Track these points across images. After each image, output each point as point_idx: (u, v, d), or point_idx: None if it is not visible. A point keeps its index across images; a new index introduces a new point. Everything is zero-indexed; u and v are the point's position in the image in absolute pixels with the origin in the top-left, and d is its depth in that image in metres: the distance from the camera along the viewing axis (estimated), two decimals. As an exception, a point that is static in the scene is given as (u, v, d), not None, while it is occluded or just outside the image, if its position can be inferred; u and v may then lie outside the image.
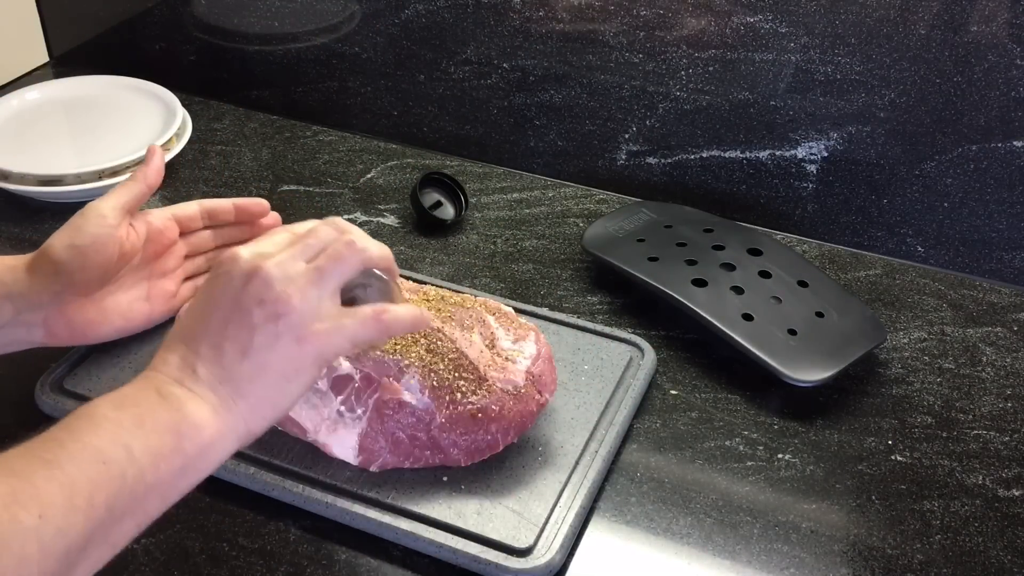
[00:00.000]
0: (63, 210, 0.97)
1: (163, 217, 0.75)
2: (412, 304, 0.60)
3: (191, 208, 0.78)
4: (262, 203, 0.79)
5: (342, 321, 0.56)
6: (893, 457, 0.74)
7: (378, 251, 0.59)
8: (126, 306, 0.74)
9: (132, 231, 0.72)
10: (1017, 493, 0.71)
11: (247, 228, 0.80)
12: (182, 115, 1.05)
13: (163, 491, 0.50)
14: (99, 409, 0.50)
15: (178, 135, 1.03)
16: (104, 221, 0.69)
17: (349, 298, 0.59)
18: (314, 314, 0.55)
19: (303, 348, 0.54)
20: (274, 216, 0.80)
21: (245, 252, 0.56)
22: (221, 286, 0.55)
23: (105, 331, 0.73)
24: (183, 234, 0.78)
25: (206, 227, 0.79)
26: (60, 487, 0.45)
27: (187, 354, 0.54)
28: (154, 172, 0.73)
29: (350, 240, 0.57)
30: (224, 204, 0.79)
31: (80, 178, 0.96)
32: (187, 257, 0.79)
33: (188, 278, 0.79)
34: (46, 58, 1.25)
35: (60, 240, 0.68)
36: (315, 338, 0.54)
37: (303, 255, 0.56)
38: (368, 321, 0.56)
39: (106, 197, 0.70)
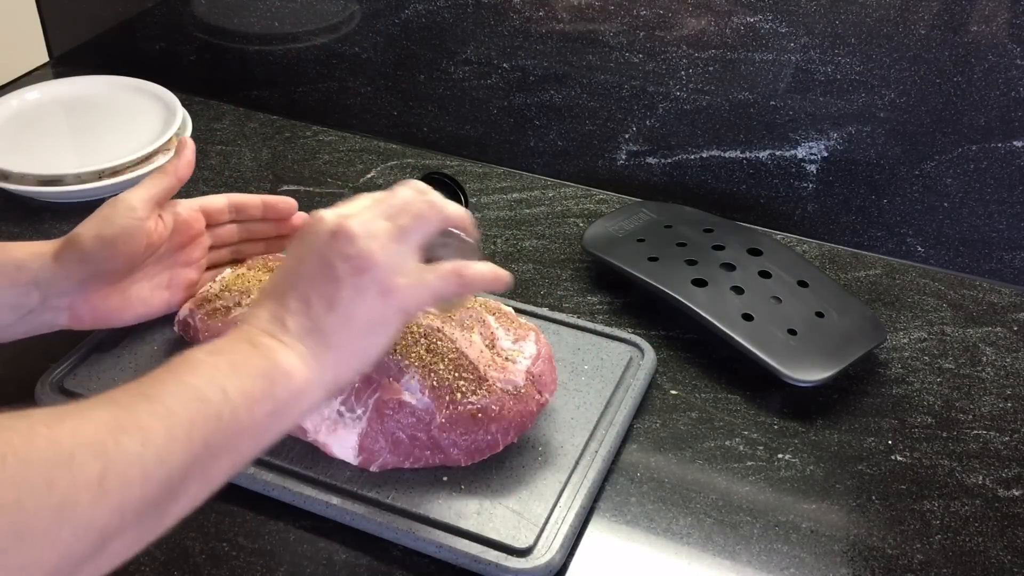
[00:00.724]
0: (63, 210, 0.97)
1: (191, 208, 0.76)
2: (492, 263, 0.62)
3: (219, 201, 0.78)
4: (291, 202, 0.80)
5: (424, 276, 0.58)
6: (893, 457, 0.74)
7: (456, 211, 0.61)
8: (148, 293, 0.74)
9: (160, 222, 0.72)
10: (1017, 493, 0.71)
11: (274, 224, 0.80)
12: (182, 115, 1.05)
13: (256, 433, 0.52)
14: (196, 354, 0.52)
15: (178, 135, 1.03)
16: (133, 213, 0.69)
17: (428, 257, 0.61)
18: (397, 269, 0.57)
19: (387, 301, 0.56)
20: (302, 216, 0.81)
21: (329, 213, 0.58)
22: (307, 244, 0.57)
23: (127, 317, 0.74)
24: (209, 226, 0.78)
25: (232, 221, 0.79)
26: (161, 419, 0.47)
27: (276, 308, 0.56)
28: (185, 165, 0.74)
29: (430, 200, 0.60)
30: (253, 200, 0.79)
31: (80, 178, 0.96)
32: (211, 248, 0.79)
33: (210, 267, 0.80)
34: (46, 58, 1.25)
35: (88, 230, 0.69)
36: (398, 291, 0.56)
37: (385, 214, 0.58)
38: (449, 276, 0.59)
39: (136, 189, 0.71)
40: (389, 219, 0.58)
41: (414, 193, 0.60)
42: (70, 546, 0.42)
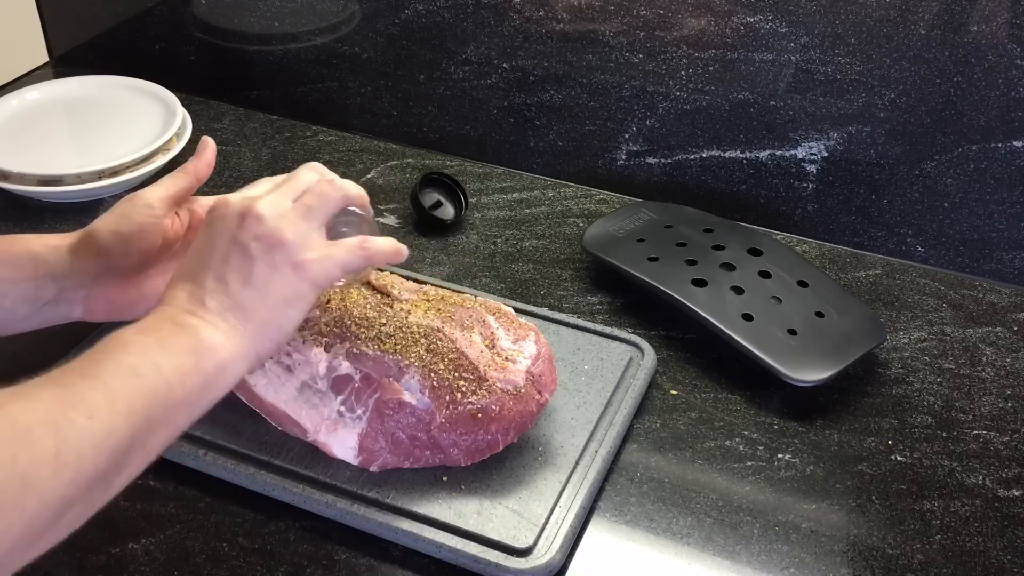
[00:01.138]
0: (63, 210, 0.97)
1: (207, 205, 0.76)
2: (390, 238, 0.65)
3: None
4: None
5: (331, 251, 0.61)
6: (893, 457, 0.74)
7: (356, 190, 0.65)
8: (162, 287, 0.74)
9: (176, 220, 0.73)
10: (1017, 493, 0.71)
11: None
12: (182, 115, 1.05)
13: (189, 405, 0.54)
14: (124, 334, 0.54)
15: (178, 135, 1.03)
16: (151, 211, 0.70)
17: (331, 235, 0.64)
18: (306, 244, 0.60)
19: (299, 275, 0.59)
20: None
21: (234, 197, 0.61)
22: (218, 228, 0.60)
23: (141, 310, 0.74)
24: None
25: None
26: (103, 395, 0.50)
27: (194, 289, 0.58)
28: (204, 166, 0.74)
29: (330, 179, 0.63)
30: None
31: (80, 178, 0.96)
32: None
33: None
34: (46, 58, 1.25)
35: (106, 225, 0.69)
36: (309, 265, 0.59)
37: (289, 195, 0.61)
38: (354, 249, 0.62)
39: (155, 187, 0.72)
40: (294, 199, 0.61)
41: (315, 174, 0.64)
42: (34, 516, 0.45)
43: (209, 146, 0.74)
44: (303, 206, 0.61)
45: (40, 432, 0.46)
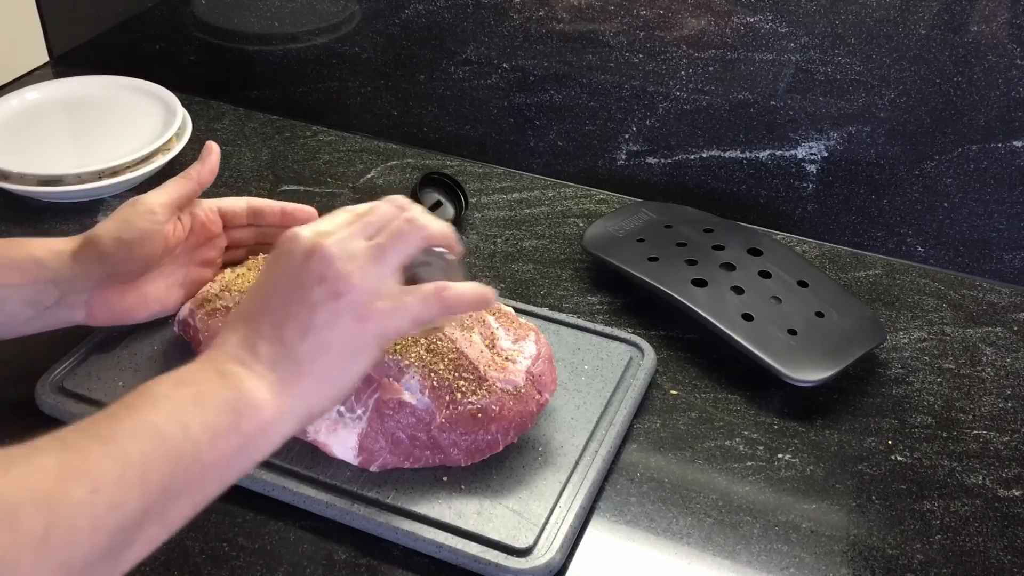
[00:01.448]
0: (63, 210, 0.97)
1: (209, 210, 0.76)
2: (475, 283, 0.60)
3: (238, 205, 0.78)
4: (310, 212, 0.79)
5: (403, 299, 0.55)
6: (893, 457, 0.74)
7: (439, 228, 0.59)
8: (164, 292, 0.75)
9: (178, 225, 0.73)
10: (1017, 493, 0.71)
11: None
12: (182, 115, 1.05)
13: (221, 470, 0.50)
14: (157, 387, 0.50)
15: (178, 135, 1.03)
16: (153, 217, 0.69)
17: (410, 276, 0.59)
18: (375, 292, 0.55)
19: (364, 326, 0.54)
20: None
21: (305, 231, 0.56)
22: (282, 265, 0.55)
23: (142, 315, 0.74)
24: (226, 228, 0.78)
25: (249, 225, 0.79)
26: (114, 462, 0.45)
27: (248, 333, 0.54)
28: (208, 172, 0.73)
29: (411, 217, 0.58)
30: (272, 207, 0.79)
31: (80, 178, 0.96)
32: (227, 249, 0.80)
33: (225, 266, 0.80)
34: (46, 58, 1.25)
35: (108, 231, 0.69)
36: (376, 316, 0.54)
37: (363, 233, 0.56)
38: (430, 299, 0.56)
39: (157, 192, 0.71)
40: (368, 238, 0.56)
41: (394, 209, 0.59)
42: None
43: (213, 152, 0.74)
44: (376, 247, 0.56)
45: (29, 510, 0.41)
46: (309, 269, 0.54)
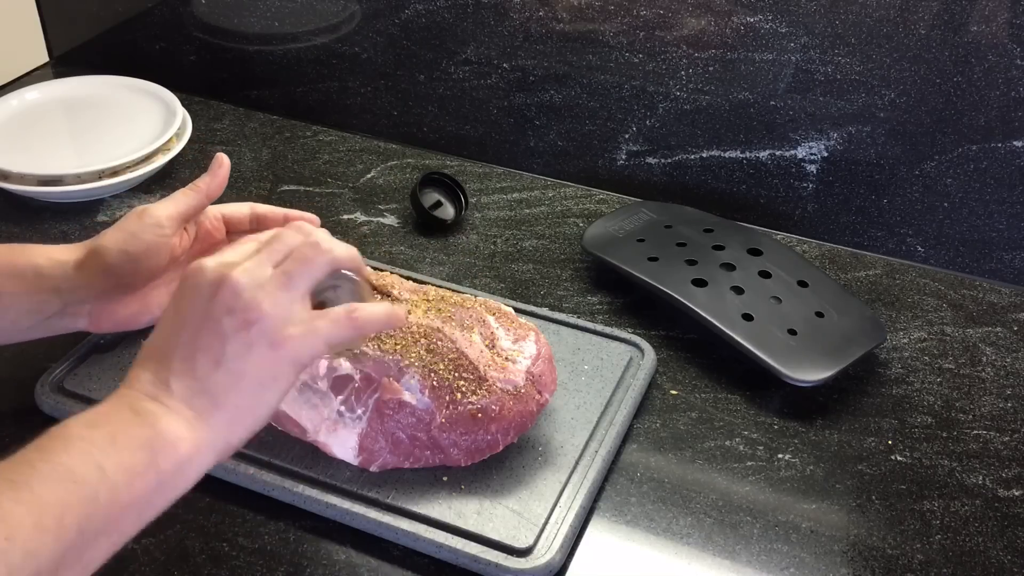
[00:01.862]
0: (63, 210, 0.97)
1: (213, 218, 0.75)
2: (384, 303, 0.60)
3: (242, 211, 0.77)
4: (313, 218, 0.79)
5: (315, 324, 0.55)
6: (893, 457, 0.74)
7: (345, 251, 0.58)
8: (166, 298, 0.74)
9: (185, 235, 0.72)
10: (1017, 493, 0.71)
11: None
12: (182, 115, 1.05)
13: (139, 509, 0.49)
14: (71, 429, 0.49)
15: (178, 135, 1.03)
16: (161, 231, 0.69)
17: (319, 301, 0.58)
18: (286, 318, 0.54)
19: (278, 353, 0.53)
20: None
21: (210, 262, 0.55)
22: (189, 299, 0.54)
23: (145, 321, 0.74)
24: (229, 233, 0.78)
25: (252, 230, 0.79)
26: (28, 509, 0.44)
27: (159, 369, 0.53)
28: (217, 185, 0.72)
29: (315, 242, 0.57)
30: (275, 213, 0.78)
31: (80, 178, 0.96)
32: None
33: None
34: (46, 58, 1.25)
35: (114, 243, 0.68)
36: (289, 342, 0.54)
37: (270, 260, 0.56)
38: (341, 321, 0.56)
39: (165, 204, 0.70)
40: (275, 265, 0.55)
41: (299, 236, 0.58)
42: None
43: (224, 165, 0.73)
44: (283, 274, 0.55)
45: None
46: (217, 300, 0.53)
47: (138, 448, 0.49)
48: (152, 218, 0.69)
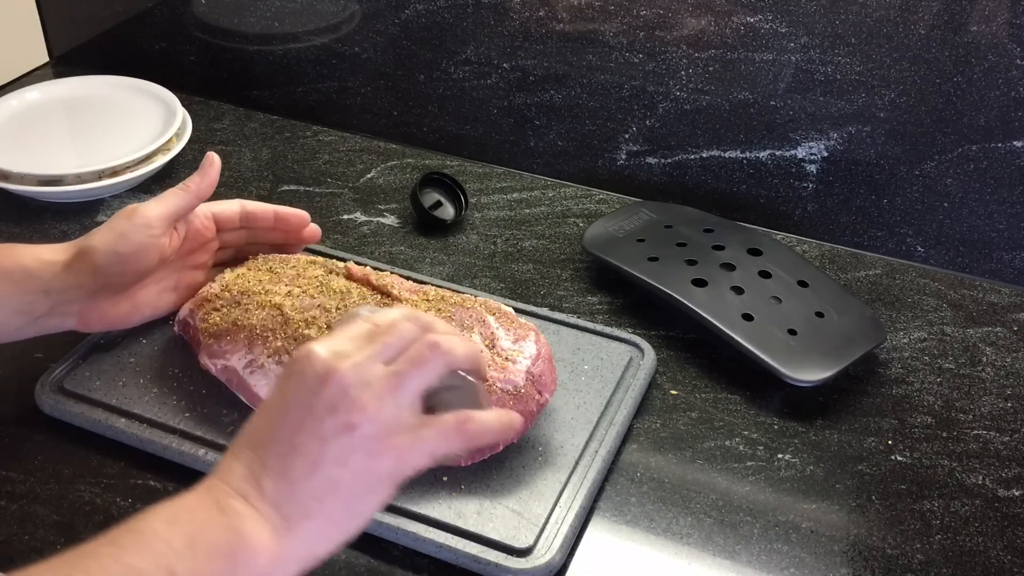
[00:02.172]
0: (63, 210, 0.97)
1: (203, 217, 0.75)
2: (500, 409, 0.55)
3: (232, 209, 0.77)
4: (303, 215, 0.79)
5: (421, 433, 0.51)
6: (893, 457, 0.74)
7: (465, 353, 0.54)
8: (155, 297, 0.74)
9: (174, 235, 0.72)
10: (1017, 493, 0.71)
11: (282, 234, 0.80)
12: (182, 115, 1.05)
13: None
14: (151, 524, 0.47)
15: (178, 135, 1.03)
16: (150, 231, 0.69)
17: (430, 405, 0.54)
18: (391, 425, 0.50)
19: (377, 463, 0.50)
20: (314, 229, 0.80)
21: (321, 350, 0.51)
22: (294, 388, 0.51)
23: (134, 320, 0.74)
24: (218, 231, 0.78)
25: (242, 227, 0.79)
26: None
27: (254, 462, 0.50)
28: (207, 186, 0.72)
29: (435, 342, 0.52)
30: (265, 211, 0.78)
31: (80, 178, 0.96)
32: (216, 250, 0.79)
33: (213, 265, 0.80)
34: (46, 58, 1.25)
35: (103, 244, 0.68)
36: (391, 452, 0.50)
37: (382, 356, 0.52)
38: (450, 432, 0.52)
39: (155, 204, 0.70)
40: (387, 361, 0.52)
41: (416, 329, 0.54)
42: None
43: (214, 165, 0.72)
44: (394, 375, 0.51)
45: None
46: (321, 397, 0.50)
47: (217, 555, 0.46)
48: (142, 219, 0.69)
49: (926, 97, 0.89)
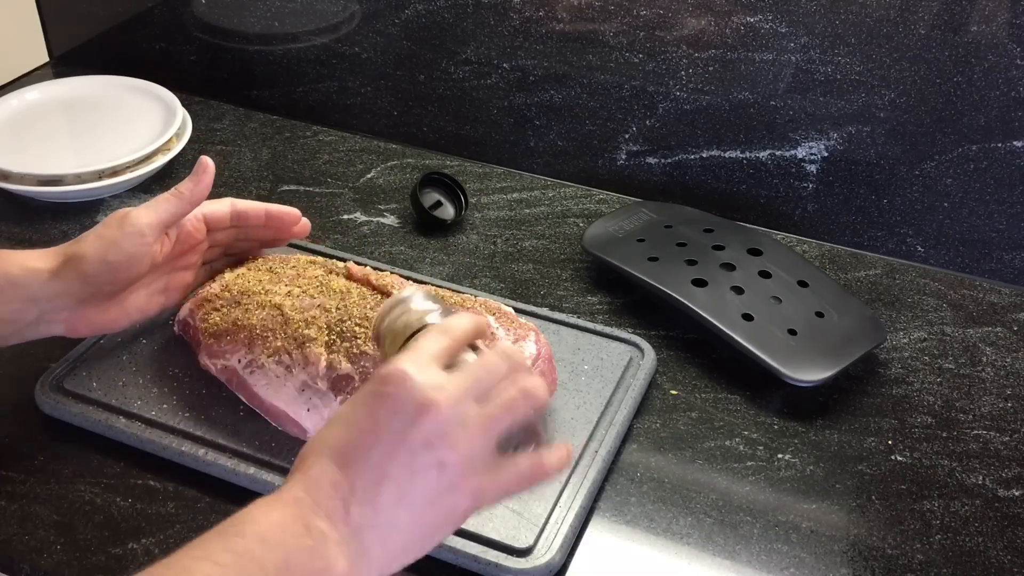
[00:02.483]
0: (63, 210, 0.97)
1: (194, 219, 0.74)
2: (559, 446, 0.55)
3: (222, 210, 0.76)
4: (293, 212, 0.78)
5: (499, 475, 0.52)
6: (893, 457, 0.74)
7: (545, 396, 0.55)
8: (144, 301, 0.73)
9: (166, 240, 0.71)
10: (1017, 493, 0.71)
11: (273, 231, 0.79)
12: (182, 115, 1.05)
13: None
14: (246, 543, 0.47)
15: (178, 135, 1.03)
16: (142, 240, 0.68)
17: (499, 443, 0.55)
18: (476, 466, 0.51)
19: (458, 501, 0.51)
20: (304, 223, 0.80)
21: (417, 376, 0.51)
22: (387, 412, 0.50)
23: (123, 325, 0.73)
24: (209, 231, 0.77)
25: (232, 226, 0.78)
26: None
27: (341, 484, 0.49)
28: (201, 191, 0.71)
29: (528, 390, 0.53)
30: (256, 209, 0.77)
31: (80, 178, 0.96)
32: (207, 249, 0.79)
33: (202, 264, 0.79)
34: (46, 58, 1.25)
35: (93, 253, 0.67)
36: (472, 492, 0.51)
37: (476, 391, 0.52)
38: (524, 475, 0.53)
39: (147, 210, 0.69)
40: (479, 400, 0.52)
41: (505, 367, 0.54)
42: None
43: (208, 170, 0.71)
44: (488, 418, 0.51)
45: None
46: (419, 428, 0.50)
47: None
48: (134, 227, 0.68)
49: (926, 97, 0.89)
